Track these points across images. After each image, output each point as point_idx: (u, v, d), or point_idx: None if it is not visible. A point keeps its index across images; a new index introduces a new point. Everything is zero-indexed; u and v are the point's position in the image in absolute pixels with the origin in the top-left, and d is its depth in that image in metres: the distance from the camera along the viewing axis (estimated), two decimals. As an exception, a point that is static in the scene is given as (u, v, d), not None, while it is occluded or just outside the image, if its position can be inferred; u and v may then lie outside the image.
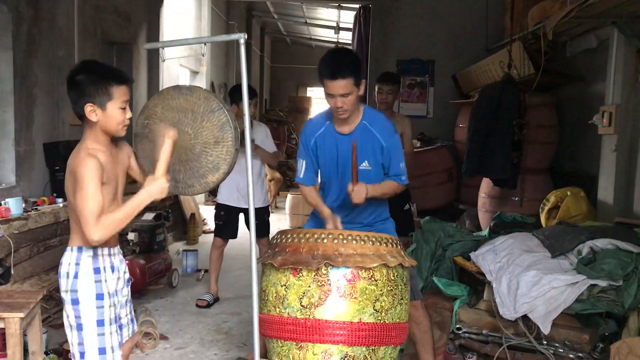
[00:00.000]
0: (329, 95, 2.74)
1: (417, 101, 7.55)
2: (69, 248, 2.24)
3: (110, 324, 2.26)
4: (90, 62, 2.30)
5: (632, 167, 4.25)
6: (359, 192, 2.68)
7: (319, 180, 3.09)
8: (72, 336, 2.24)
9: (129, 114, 2.23)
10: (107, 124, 2.18)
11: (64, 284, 2.22)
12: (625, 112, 4.24)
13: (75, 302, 2.21)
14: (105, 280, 2.25)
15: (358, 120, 2.87)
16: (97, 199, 2.09)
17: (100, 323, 2.22)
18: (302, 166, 2.99)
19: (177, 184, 2.46)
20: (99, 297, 2.22)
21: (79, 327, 2.21)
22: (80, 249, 2.22)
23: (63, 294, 2.24)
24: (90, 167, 2.09)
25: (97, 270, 2.23)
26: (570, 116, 5.56)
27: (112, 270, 2.29)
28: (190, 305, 4.75)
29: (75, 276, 2.20)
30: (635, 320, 3.01)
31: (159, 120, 2.43)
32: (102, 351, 2.22)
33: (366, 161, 2.85)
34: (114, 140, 2.30)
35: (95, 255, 2.23)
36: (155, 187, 2.20)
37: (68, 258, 2.23)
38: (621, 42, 4.25)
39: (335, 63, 2.71)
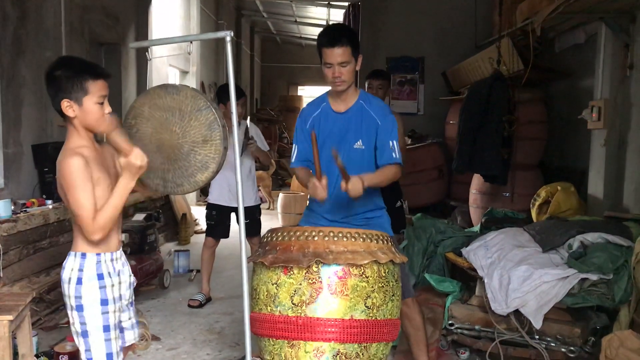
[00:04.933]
0: (327, 65, 2.78)
1: (408, 98, 7.56)
2: (72, 253, 2.21)
3: (115, 329, 2.24)
4: (67, 58, 2.27)
5: (621, 162, 4.27)
6: (354, 185, 2.59)
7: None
8: (79, 342, 2.21)
9: (107, 109, 2.19)
10: (85, 119, 2.15)
11: (67, 289, 2.19)
12: (614, 107, 4.27)
13: (79, 308, 2.18)
14: (112, 285, 2.23)
15: (355, 99, 2.89)
16: (89, 198, 2.07)
17: (106, 329, 2.20)
18: (295, 151, 2.98)
19: (167, 184, 2.45)
20: (104, 302, 2.20)
21: (85, 334, 2.19)
22: (83, 255, 2.18)
23: (67, 299, 2.21)
24: (74, 166, 2.06)
25: (100, 277, 2.20)
26: (560, 111, 5.58)
27: (116, 275, 2.27)
28: (182, 306, 4.73)
29: (79, 282, 2.17)
30: (626, 313, 3.02)
31: (147, 119, 2.42)
32: (109, 357, 2.21)
33: (360, 140, 2.85)
34: (97, 141, 2.28)
35: (98, 262, 2.20)
36: (131, 164, 2.08)
37: (71, 263, 2.20)
38: (609, 37, 4.27)
39: (334, 32, 2.80)
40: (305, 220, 3.03)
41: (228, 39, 2.47)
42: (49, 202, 4.47)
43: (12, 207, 4.04)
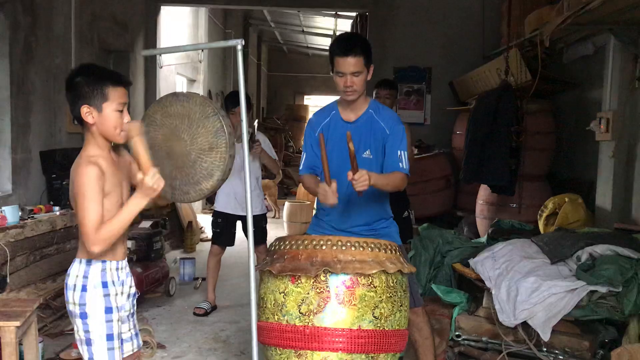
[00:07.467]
0: (339, 74, 2.76)
1: (415, 108, 7.56)
2: (76, 260, 2.20)
3: (118, 338, 2.23)
4: (88, 65, 2.28)
5: (629, 173, 4.25)
6: (361, 178, 2.48)
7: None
8: (82, 350, 2.20)
9: (127, 118, 2.18)
10: (103, 126, 2.14)
11: (71, 296, 2.18)
12: (622, 118, 4.25)
13: (83, 315, 2.17)
14: (116, 294, 2.22)
15: (364, 108, 2.88)
16: (96, 209, 2.05)
17: (110, 337, 2.19)
18: (303, 158, 2.97)
19: (174, 191, 2.45)
20: (108, 310, 2.19)
21: (88, 342, 2.18)
22: (89, 261, 2.17)
23: (71, 307, 2.19)
24: (89, 175, 2.06)
25: (105, 284, 2.19)
26: (568, 123, 5.57)
27: (120, 284, 2.26)
28: (187, 314, 4.72)
29: (83, 289, 2.16)
30: (635, 326, 2.99)
31: (159, 127, 2.43)
32: None
33: (368, 150, 2.84)
34: (115, 149, 2.28)
35: (103, 269, 2.19)
36: (146, 186, 2.07)
37: (76, 270, 2.19)
38: (617, 48, 4.26)
39: (348, 41, 2.80)
40: (312, 230, 3.02)
41: (239, 47, 2.48)
42: (56, 208, 4.49)
43: (20, 213, 4.05)
